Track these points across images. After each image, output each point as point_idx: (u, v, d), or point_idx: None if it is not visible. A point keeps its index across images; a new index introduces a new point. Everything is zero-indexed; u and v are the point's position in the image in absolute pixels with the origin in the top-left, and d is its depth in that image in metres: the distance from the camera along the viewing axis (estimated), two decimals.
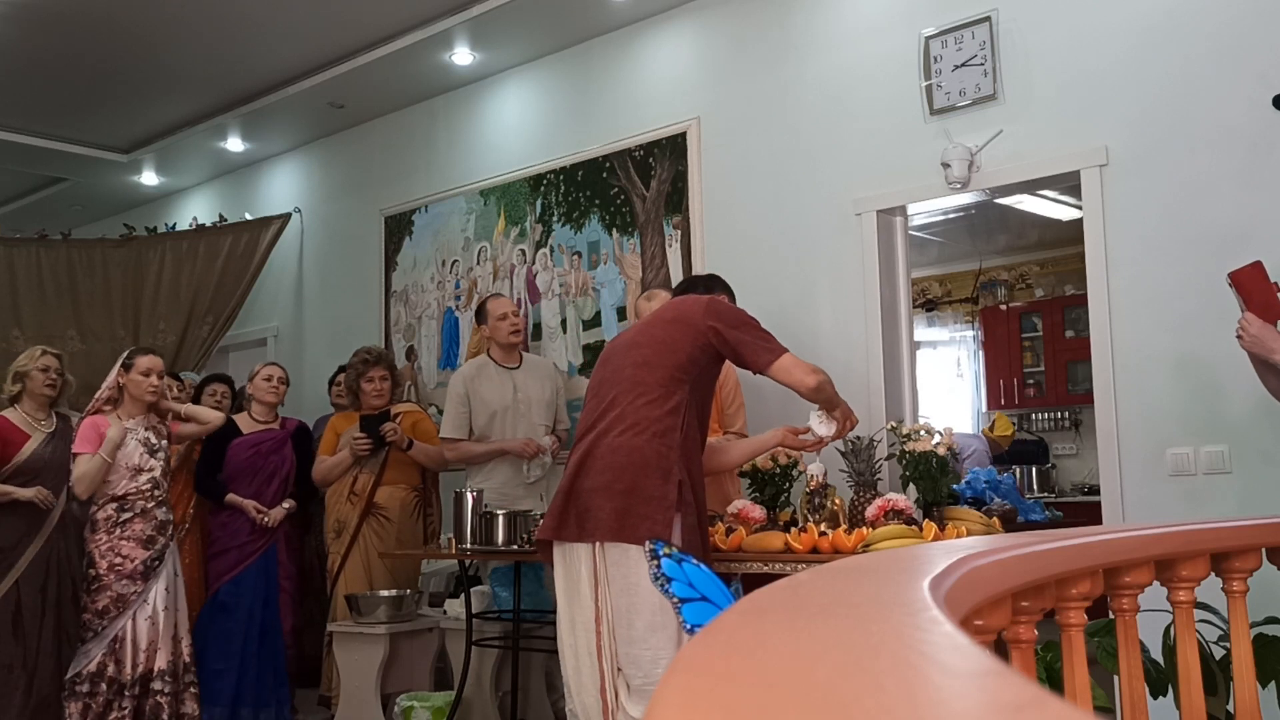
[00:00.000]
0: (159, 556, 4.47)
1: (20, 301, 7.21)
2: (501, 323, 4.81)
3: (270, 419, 5.18)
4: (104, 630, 4.35)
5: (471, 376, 4.85)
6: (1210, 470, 3.79)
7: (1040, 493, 8.11)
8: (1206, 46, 3.87)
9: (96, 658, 4.34)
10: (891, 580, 0.94)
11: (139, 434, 4.55)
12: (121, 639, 4.36)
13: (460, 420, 4.80)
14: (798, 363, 3.05)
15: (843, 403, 3.24)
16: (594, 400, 3.13)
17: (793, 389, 3.10)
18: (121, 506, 4.45)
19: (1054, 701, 0.44)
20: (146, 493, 4.49)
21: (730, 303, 3.41)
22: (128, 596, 4.38)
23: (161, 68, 6.26)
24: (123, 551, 4.40)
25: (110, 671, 4.34)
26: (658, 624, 2.83)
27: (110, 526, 4.43)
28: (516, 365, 4.87)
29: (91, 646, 4.35)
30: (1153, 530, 1.96)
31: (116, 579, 4.38)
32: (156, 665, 4.40)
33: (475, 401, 4.79)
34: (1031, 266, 9.02)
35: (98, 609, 4.37)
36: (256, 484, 5.05)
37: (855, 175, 4.71)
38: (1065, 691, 1.76)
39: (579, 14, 5.53)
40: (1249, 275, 3.10)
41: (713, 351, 3.07)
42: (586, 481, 2.98)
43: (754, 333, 3.08)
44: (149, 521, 4.48)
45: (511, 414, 4.77)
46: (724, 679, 0.51)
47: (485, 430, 4.78)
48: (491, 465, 4.78)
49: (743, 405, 4.39)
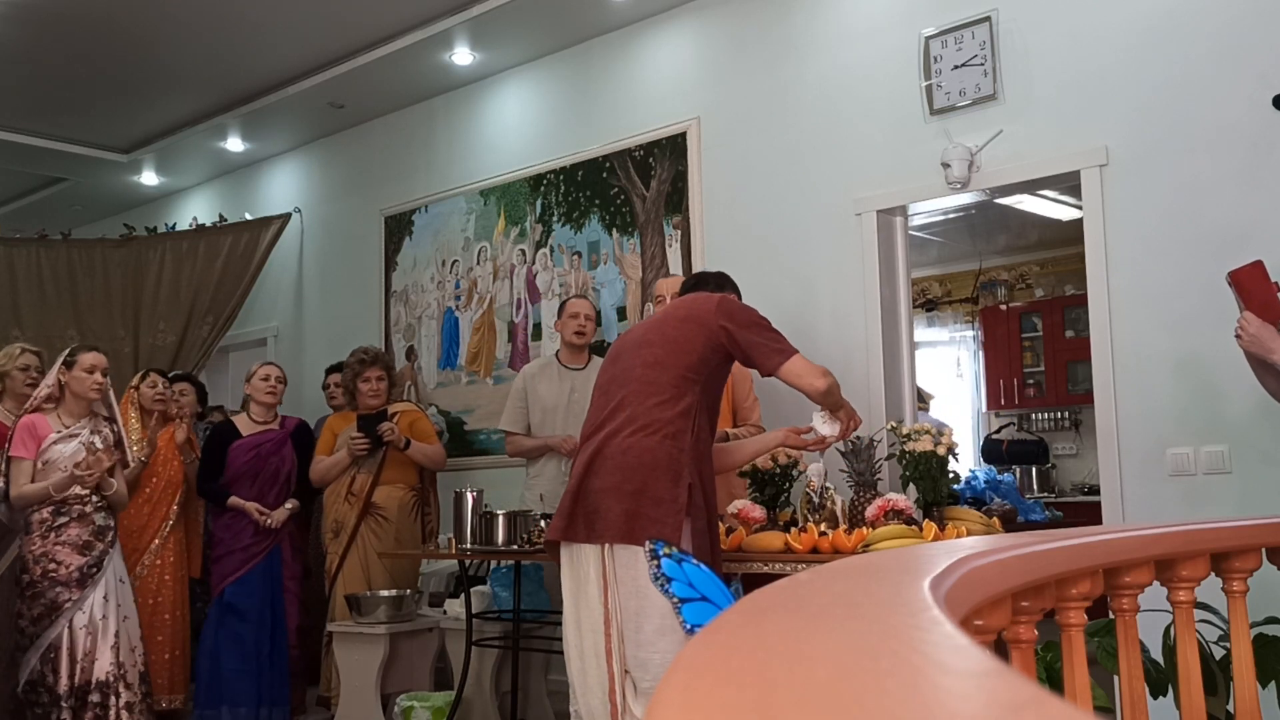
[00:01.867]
0: (97, 563, 4.27)
1: (20, 301, 7.22)
2: (571, 321, 4.84)
3: (269, 419, 5.17)
4: (38, 639, 4.15)
5: (533, 374, 4.91)
6: (1210, 470, 3.79)
7: (1040, 493, 8.12)
8: (1206, 46, 3.87)
9: (32, 666, 4.14)
10: (891, 580, 0.94)
11: (83, 435, 4.34)
12: (56, 647, 4.15)
13: (517, 415, 4.86)
14: (808, 365, 3.02)
15: (847, 403, 3.22)
16: (602, 399, 3.08)
17: (801, 391, 3.07)
18: (58, 510, 4.25)
19: (1054, 701, 0.44)
20: (85, 497, 4.29)
21: (740, 301, 3.38)
22: (61, 604, 4.17)
23: (161, 68, 6.26)
24: (57, 557, 4.21)
25: (49, 681, 4.14)
26: (667, 627, 2.79)
27: (45, 531, 4.22)
28: (581, 367, 4.88)
29: (30, 655, 4.15)
30: (1153, 530, 1.96)
31: (50, 585, 4.17)
32: (94, 676, 4.19)
33: (531, 398, 4.84)
34: (1031, 266, 9.02)
35: (33, 616, 4.16)
36: (259, 486, 5.04)
37: (855, 175, 4.72)
38: (1065, 691, 1.76)
39: (579, 14, 5.53)
40: (1249, 275, 3.10)
41: (724, 352, 3.04)
42: (596, 482, 2.93)
43: (765, 333, 3.04)
44: (86, 526, 4.28)
45: (564, 413, 4.78)
46: (724, 679, 0.51)
47: (539, 427, 4.83)
48: (542, 463, 4.82)
49: (758, 400, 4.40)
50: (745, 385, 4.38)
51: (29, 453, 4.26)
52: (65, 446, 4.31)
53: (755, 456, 3.59)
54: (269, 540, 5.02)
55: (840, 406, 3.19)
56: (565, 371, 4.87)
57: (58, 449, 4.31)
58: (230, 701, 4.78)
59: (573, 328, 4.83)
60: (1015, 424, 8.67)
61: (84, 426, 4.40)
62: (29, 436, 4.27)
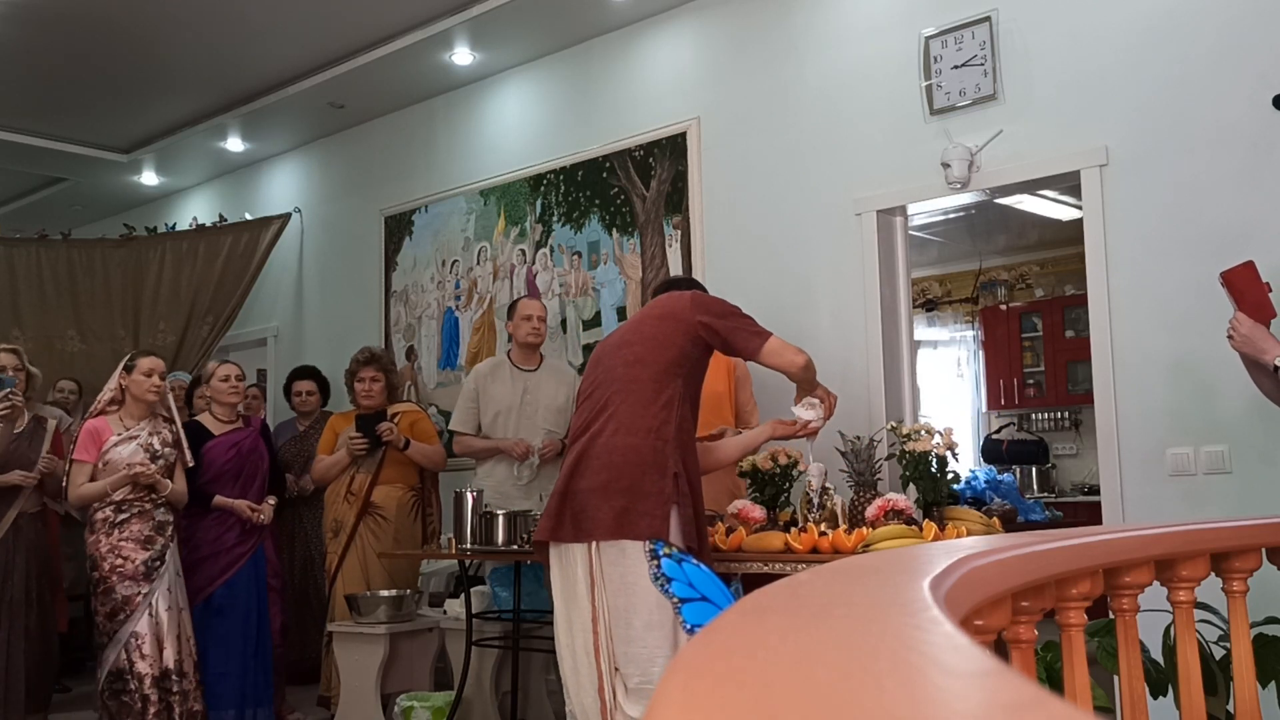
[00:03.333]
0: (159, 557, 4.43)
1: (20, 301, 7.22)
2: (524, 323, 4.83)
3: (233, 419, 5.03)
4: (116, 635, 4.32)
5: (485, 374, 4.89)
6: (1210, 470, 3.79)
7: (1040, 493, 8.12)
8: (1206, 46, 3.87)
9: (113, 661, 4.30)
10: (891, 580, 0.94)
11: (141, 437, 4.49)
12: (140, 635, 4.32)
13: (468, 415, 4.85)
14: (785, 344, 3.17)
15: (819, 384, 3.34)
16: (587, 403, 3.15)
17: (782, 370, 3.21)
18: (119, 508, 4.40)
19: (1054, 701, 0.44)
20: (144, 495, 4.45)
21: (710, 295, 3.50)
22: (133, 598, 4.35)
23: (161, 68, 6.26)
24: (123, 553, 4.36)
25: (139, 668, 4.31)
26: (654, 622, 2.85)
27: (109, 528, 4.38)
28: (533, 368, 4.87)
29: (108, 653, 4.31)
30: (1153, 530, 1.96)
31: (120, 580, 4.34)
32: (166, 664, 4.38)
33: (483, 399, 4.82)
34: (1031, 266, 9.02)
35: (107, 613, 4.34)
36: (242, 484, 4.95)
37: (855, 175, 4.72)
38: (1065, 691, 1.76)
39: (579, 14, 5.53)
40: (1240, 275, 3.09)
41: (703, 344, 3.14)
42: (582, 482, 2.99)
43: (740, 320, 3.17)
44: (147, 522, 4.43)
45: (516, 415, 4.78)
46: (724, 679, 0.51)
47: (490, 428, 4.81)
48: (491, 464, 4.80)
49: (757, 405, 4.41)
50: (746, 390, 4.41)
51: (90, 457, 4.41)
52: (125, 448, 4.45)
53: (746, 452, 3.62)
54: (253, 540, 4.96)
55: (815, 385, 3.32)
56: (518, 372, 4.85)
57: (118, 450, 4.44)
58: (214, 705, 4.75)
59: (525, 329, 4.81)
60: (1015, 424, 8.66)
61: (143, 428, 4.52)
62: (91, 441, 4.42)
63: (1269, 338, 3.01)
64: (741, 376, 4.38)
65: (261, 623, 4.96)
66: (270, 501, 5.01)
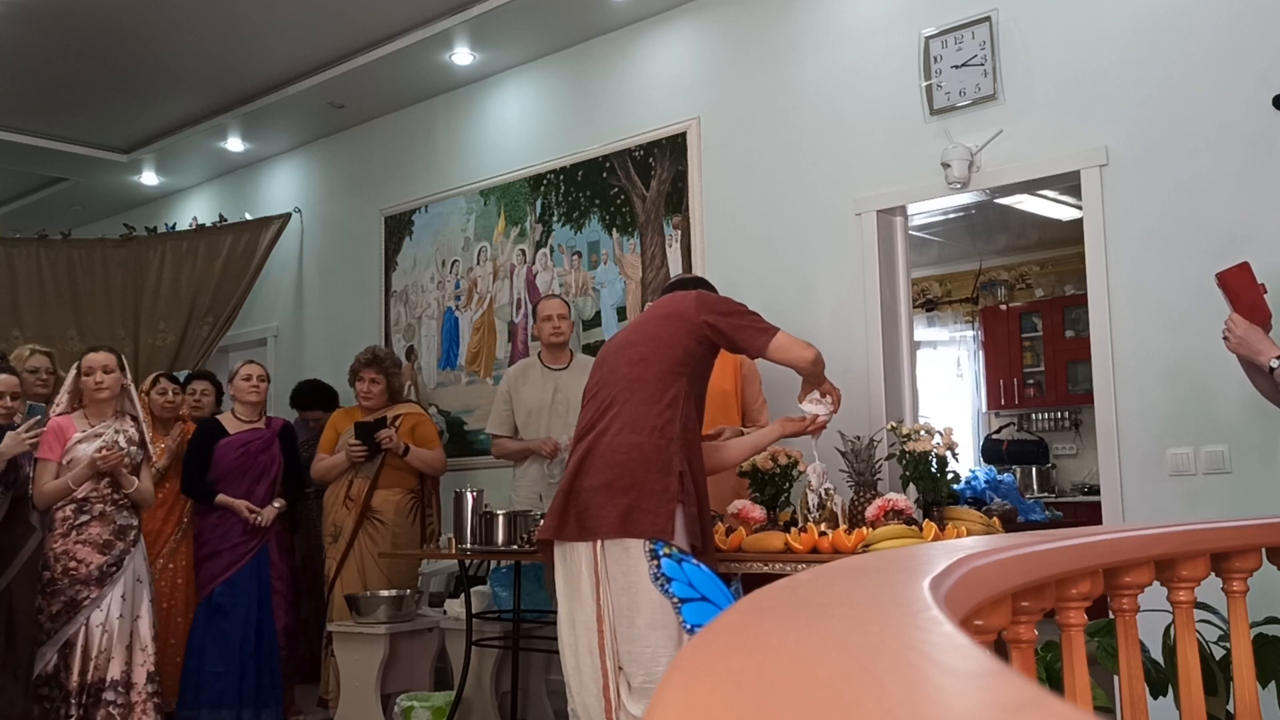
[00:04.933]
0: (116, 562, 4.29)
1: (20, 301, 7.22)
2: (545, 323, 4.85)
3: (254, 418, 5.11)
4: (56, 634, 4.19)
5: (516, 376, 4.92)
6: (1210, 470, 3.79)
7: (1040, 493, 8.13)
8: (1206, 46, 3.87)
9: (49, 661, 4.17)
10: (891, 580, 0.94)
11: (106, 435, 4.35)
12: (72, 644, 4.18)
13: (502, 418, 4.87)
14: (793, 340, 3.14)
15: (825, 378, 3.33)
16: (592, 402, 3.15)
17: (792, 365, 3.19)
18: (80, 508, 4.28)
19: (1054, 701, 0.44)
20: (108, 495, 4.32)
21: (715, 293, 3.50)
22: (80, 601, 4.20)
23: (161, 68, 6.26)
24: (78, 555, 4.24)
25: (60, 678, 4.17)
26: (658, 621, 2.85)
27: (67, 529, 4.25)
28: (563, 366, 4.87)
29: (46, 649, 4.18)
30: (1153, 530, 1.96)
31: (70, 583, 4.20)
32: (109, 675, 4.20)
33: (516, 400, 4.85)
34: (1031, 266, 9.02)
35: (51, 612, 4.20)
36: (246, 484, 4.99)
37: (855, 175, 4.72)
38: (1065, 691, 1.76)
39: (579, 14, 5.53)
40: (1236, 276, 3.09)
41: (708, 343, 3.13)
42: (587, 481, 2.99)
43: (746, 317, 3.15)
44: (107, 525, 4.30)
45: (549, 414, 4.79)
46: (724, 679, 0.51)
47: (524, 429, 4.84)
48: (526, 465, 4.82)
49: (766, 402, 4.41)
50: (754, 387, 4.40)
51: (54, 455, 4.30)
52: (89, 445, 4.34)
53: (755, 451, 3.60)
54: (257, 540, 4.97)
55: (822, 380, 3.30)
56: (548, 372, 4.86)
57: (81, 448, 4.34)
58: (210, 703, 4.75)
59: (547, 329, 4.83)
60: (1015, 424, 8.67)
61: (109, 425, 4.41)
62: (54, 439, 4.32)
63: (1264, 339, 3.01)
64: (749, 374, 4.38)
65: (262, 624, 4.96)
66: (275, 505, 5.02)
